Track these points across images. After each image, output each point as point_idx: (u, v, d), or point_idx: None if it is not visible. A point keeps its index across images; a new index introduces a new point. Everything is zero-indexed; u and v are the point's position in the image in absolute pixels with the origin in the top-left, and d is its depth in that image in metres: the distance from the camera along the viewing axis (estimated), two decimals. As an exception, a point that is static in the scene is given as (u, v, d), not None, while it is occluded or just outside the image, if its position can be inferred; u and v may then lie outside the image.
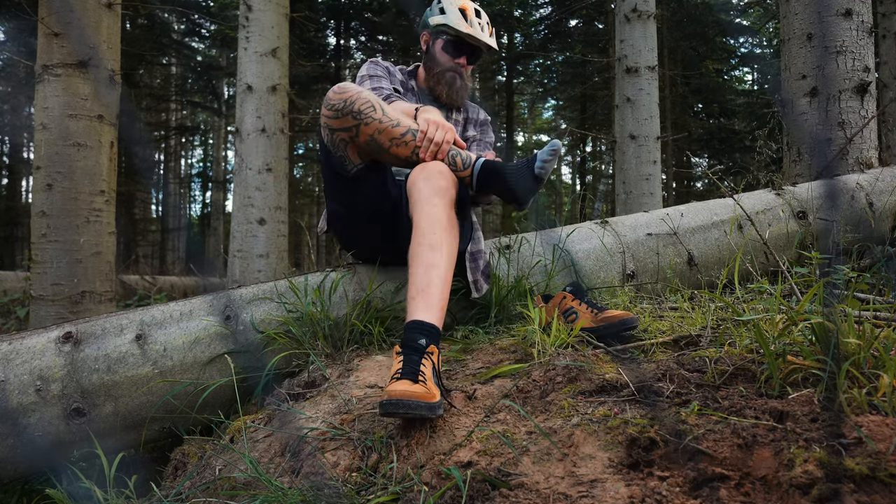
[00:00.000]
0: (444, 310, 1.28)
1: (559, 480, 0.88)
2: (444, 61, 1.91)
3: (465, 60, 1.91)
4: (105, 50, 2.81)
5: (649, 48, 4.79)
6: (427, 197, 1.40)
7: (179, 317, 1.53)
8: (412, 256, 1.34)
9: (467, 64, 1.93)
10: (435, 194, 1.40)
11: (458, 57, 1.90)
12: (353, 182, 1.60)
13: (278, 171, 4.39)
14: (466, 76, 1.95)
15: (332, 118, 1.48)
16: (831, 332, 0.96)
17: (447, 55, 1.90)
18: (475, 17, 1.89)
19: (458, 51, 1.90)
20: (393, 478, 0.98)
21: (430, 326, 1.21)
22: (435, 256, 1.32)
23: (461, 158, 1.52)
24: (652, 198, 4.70)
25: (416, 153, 1.50)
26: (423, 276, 1.29)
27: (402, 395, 1.03)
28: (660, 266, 2.07)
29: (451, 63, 1.90)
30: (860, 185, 2.53)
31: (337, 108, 1.47)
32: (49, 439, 1.36)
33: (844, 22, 3.08)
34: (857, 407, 0.88)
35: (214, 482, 1.11)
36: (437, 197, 1.40)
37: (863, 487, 0.73)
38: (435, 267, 1.31)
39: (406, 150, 1.49)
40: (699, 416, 0.94)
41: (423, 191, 1.41)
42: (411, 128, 1.49)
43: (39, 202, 2.69)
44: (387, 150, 1.49)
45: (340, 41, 10.15)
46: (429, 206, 1.39)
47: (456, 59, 1.90)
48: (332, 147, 1.54)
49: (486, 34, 1.90)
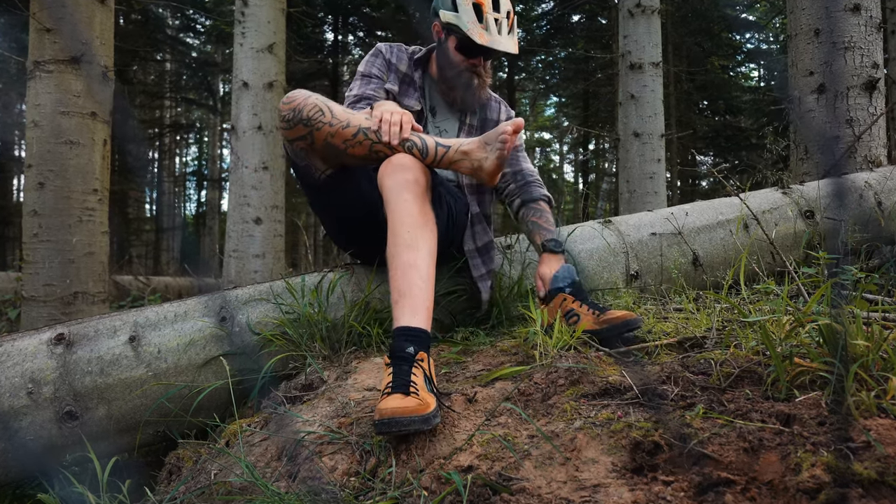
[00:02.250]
0: (430, 309, 1.25)
1: (561, 485, 0.88)
2: (457, 62, 1.73)
3: (482, 60, 1.74)
4: (98, 46, 2.81)
5: (653, 44, 4.79)
6: (396, 193, 1.36)
7: (174, 318, 1.53)
8: (389, 258, 1.31)
9: (483, 62, 1.75)
10: (403, 189, 1.36)
11: (473, 57, 1.72)
12: (324, 189, 1.57)
13: (275, 169, 4.39)
14: (485, 72, 1.77)
15: (286, 129, 1.46)
16: (839, 333, 0.96)
17: (461, 55, 1.72)
18: (492, 10, 1.65)
19: (473, 52, 1.71)
20: (392, 482, 0.98)
21: (416, 331, 1.19)
22: (412, 255, 1.29)
23: (418, 147, 1.43)
24: (656, 197, 4.70)
25: (374, 150, 1.44)
26: (403, 278, 1.26)
27: (394, 412, 1.02)
28: (664, 266, 2.07)
29: (465, 64, 1.73)
30: (869, 184, 2.53)
31: (288, 119, 1.45)
32: (41, 443, 1.36)
33: (853, 17, 3.08)
34: (865, 410, 0.88)
35: (210, 487, 1.11)
36: (405, 192, 1.35)
37: (871, 492, 0.73)
38: (414, 267, 1.27)
39: (362, 150, 1.44)
40: (704, 419, 0.94)
41: (391, 188, 1.37)
42: (361, 126, 1.43)
43: (31, 201, 2.68)
44: (344, 151, 1.45)
45: (338, 37, 10.15)
46: (398, 203, 1.34)
47: (471, 60, 1.73)
48: (296, 157, 1.53)
49: (505, 34, 1.67)
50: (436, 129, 1.83)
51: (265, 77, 4.35)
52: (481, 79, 1.77)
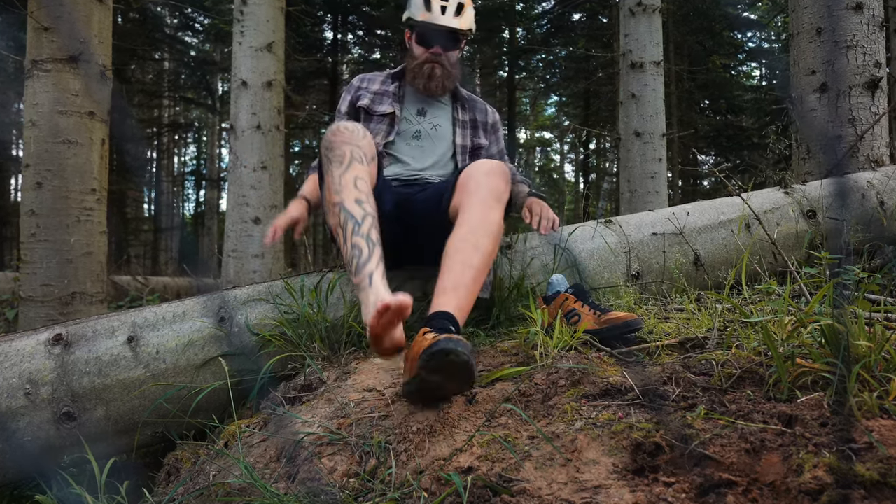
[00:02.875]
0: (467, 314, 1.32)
1: (562, 486, 0.88)
2: (418, 54, 1.87)
3: (441, 49, 1.85)
4: (96, 45, 2.81)
5: (655, 43, 4.79)
6: (485, 198, 1.43)
7: (172, 318, 1.53)
8: (454, 250, 1.36)
9: (445, 51, 1.86)
10: (496, 198, 1.44)
11: (430, 47, 1.85)
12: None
13: (274, 168, 4.39)
14: (449, 63, 1.88)
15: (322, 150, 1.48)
16: (841, 334, 0.96)
17: (421, 47, 1.86)
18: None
19: (428, 41, 1.85)
20: (391, 483, 0.98)
21: (457, 322, 1.26)
22: (476, 258, 1.35)
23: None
24: (657, 196, 4.70)
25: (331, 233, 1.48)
26: (461, 273, 1.33)
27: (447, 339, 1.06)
28: (665, 266, 2.07)
29: (425, 55, 1.86)
30: (871, 184, 2.53)
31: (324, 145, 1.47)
32: (39, 444, 1.36)
33: (855, 16, 3.08)
34: (867, 411, 0.88)
35: (208, 488, 1.11)
36: (496, 201, 1.44)
37: (874, 493, 0.73)
38: (473, 268, 1.34)
39: (332, 219, 1.39)
40: (706, 420, 0.94)
41: (482, 188, 1.44)
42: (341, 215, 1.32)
43: (29, 201, 2.68)
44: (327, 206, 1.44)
45: (338, 36, 10.15)
46: (486, 209, 1.42)
47: (430, 50, 1.85)
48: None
49: (450, 16, 1.81)
50: (429, 125, 1.93)
51: (264, 76, 4.35)
52: (446, 69, 1.87)
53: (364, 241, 1.26)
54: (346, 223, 1.29)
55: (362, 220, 1.29)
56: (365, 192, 1.36)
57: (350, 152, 1.40)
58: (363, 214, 1.30)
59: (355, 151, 1.41)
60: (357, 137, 1.44)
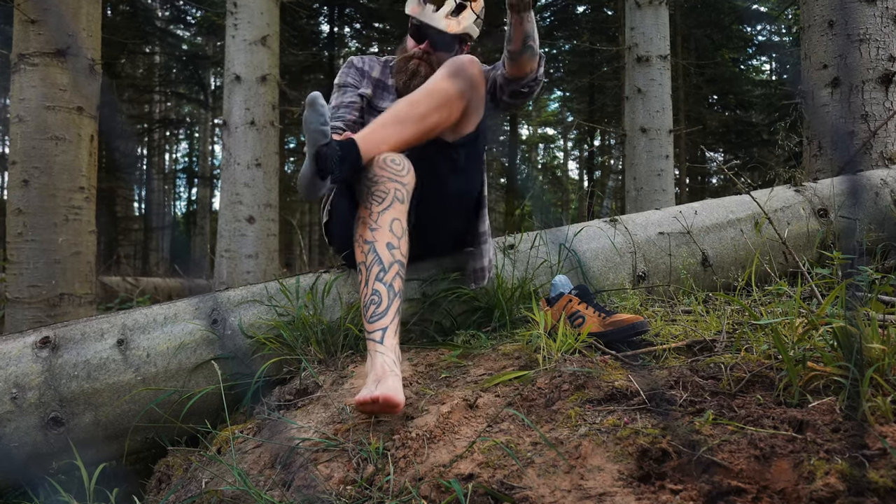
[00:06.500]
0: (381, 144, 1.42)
1: (566, 494, 0.88)
2: (408, 47, 1.85)
3: (431, 47, 1.81)
4: (85, 38, 2.81)
5: (661, 36, 4.79)
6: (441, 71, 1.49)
7: (163, 321, 1.54)
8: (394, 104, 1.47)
9: (436, 51, 1.81)
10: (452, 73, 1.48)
11: (420, 42, 1.82)
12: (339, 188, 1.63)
13: (268, 166, 4.40)
14: (438, 64, 1.79)
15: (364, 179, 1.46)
16: (854, 336, 0.96)
17: (412, 41, 1.84)
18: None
19: (418, 36, 1.82)
20: (390, 491, 0.99)
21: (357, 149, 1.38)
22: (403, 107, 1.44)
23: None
24: (664, 194, 4.70)
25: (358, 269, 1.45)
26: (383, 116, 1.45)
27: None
28: (672, 267, 2.07)
29: (413, 49, 1.83)
30: (885, 182, 2.53)
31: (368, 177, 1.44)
32: (26, 450, 1.36)
33: (868, 8, 3.08)
34: (881, 416, 0.88)
35: (200, 496, 1.11)
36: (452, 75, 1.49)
37: (887, 501, 0.73)
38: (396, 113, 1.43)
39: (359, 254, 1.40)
40: (714, 425, 0.94)
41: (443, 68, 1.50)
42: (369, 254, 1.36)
43: (15, 199, 2.68)
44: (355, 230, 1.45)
45: (334, 28, 10.15)
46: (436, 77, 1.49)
47: (419, 45, 1.82)
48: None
49: (442, 15, 1.77)
50: None
51: (258, 70, 4.35)
52: (431, 69, 1.80)
53: (386, 288, 1.31)
54: (371, 265, 1.34)
55: (389, 267, 1.34)
56: (398, 235, 1.40)
57: (394, 191, 1.41)
58: (391, 262, 1.35)
59: (399, 192, 1.42)
60: (402, 174, 1.44)
